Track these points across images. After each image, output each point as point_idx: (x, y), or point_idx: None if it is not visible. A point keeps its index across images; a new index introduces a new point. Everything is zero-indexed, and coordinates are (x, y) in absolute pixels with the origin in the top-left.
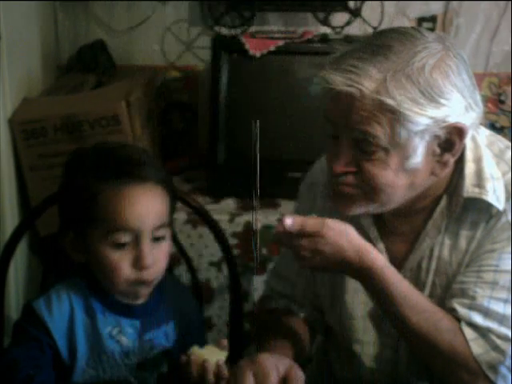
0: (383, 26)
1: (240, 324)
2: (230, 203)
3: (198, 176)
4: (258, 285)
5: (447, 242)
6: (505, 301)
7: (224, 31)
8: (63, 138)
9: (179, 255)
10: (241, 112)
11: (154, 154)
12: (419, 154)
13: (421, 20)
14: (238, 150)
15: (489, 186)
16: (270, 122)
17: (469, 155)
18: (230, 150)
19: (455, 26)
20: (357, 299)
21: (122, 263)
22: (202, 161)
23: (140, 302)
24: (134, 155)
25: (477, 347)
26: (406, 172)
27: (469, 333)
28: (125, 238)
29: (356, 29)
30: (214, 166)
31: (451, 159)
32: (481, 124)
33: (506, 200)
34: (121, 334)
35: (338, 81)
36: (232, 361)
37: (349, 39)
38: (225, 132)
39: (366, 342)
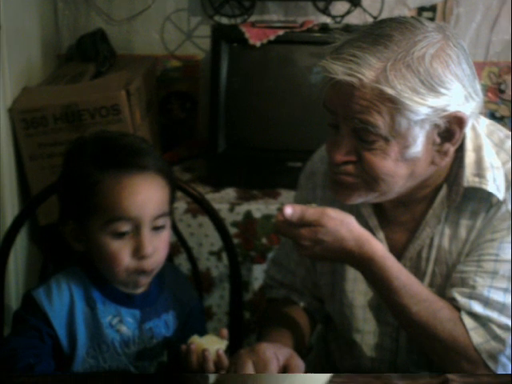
0: (383, 16)
1: (240, 313)
2: (229, 192)
3: (197, 165)
4: (258, 274)
5: (447, 231)
6: (505, 290)
7: (224, 20)
8: (63, 128)
9: (179, 244)
10: (241, 101)
11: (154, 143)
12: (419, 143)
13: (421, 9)
14: (237, 139)
15: (489, 175)
16: (269, 112)
17: (469, 144)
18: (229, 139)
19: (455, 15)
20: (357, 288)
21: (122, 252)
22: (202, 150)
23: (140, 291)
24: (134, 145)
25: (477, 336)
26: (406, 161)
27: (469, 322)
28: (125, 227)
29: (356, 18)
30: (214, 156)
31: (451, 148)
32: (481, 113)
33: (506, 189)
34: (121, 324)
35: (338, 70)
36: (232, 350)
37: (349, 29)
38: (225, 121)
39: (366, 331)
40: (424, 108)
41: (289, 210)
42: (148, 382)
